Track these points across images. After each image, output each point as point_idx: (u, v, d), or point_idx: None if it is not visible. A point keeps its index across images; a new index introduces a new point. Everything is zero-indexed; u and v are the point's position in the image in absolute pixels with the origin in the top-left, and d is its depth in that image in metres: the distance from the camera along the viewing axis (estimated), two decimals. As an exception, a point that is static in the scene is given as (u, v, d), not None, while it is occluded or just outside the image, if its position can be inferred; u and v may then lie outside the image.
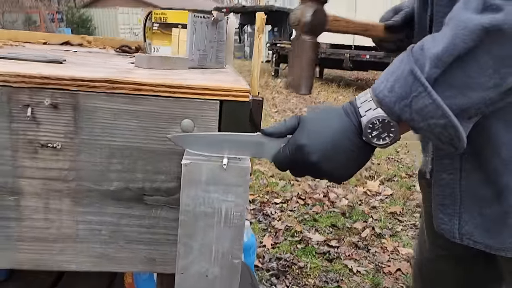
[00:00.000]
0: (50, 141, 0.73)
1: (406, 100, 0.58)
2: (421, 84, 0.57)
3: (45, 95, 0.71)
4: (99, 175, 0.76)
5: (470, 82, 0.56)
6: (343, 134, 0.63)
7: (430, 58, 0.57)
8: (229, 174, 0.67)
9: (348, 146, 0.64)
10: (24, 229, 0.77)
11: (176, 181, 0.77)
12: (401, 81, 0.59)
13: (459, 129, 0.57)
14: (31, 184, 0.75)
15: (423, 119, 0.58)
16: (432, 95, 0.56)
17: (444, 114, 0.56)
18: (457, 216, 0.73)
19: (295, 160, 0.66)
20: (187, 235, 0.69)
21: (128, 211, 0.78)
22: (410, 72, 0.58)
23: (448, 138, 0.59)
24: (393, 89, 0.60)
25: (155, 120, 0.74)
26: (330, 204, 3.12)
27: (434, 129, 0.58)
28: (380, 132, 0.62)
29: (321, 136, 0.64)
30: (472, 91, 0.56)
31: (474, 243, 0.73)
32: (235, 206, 0.68)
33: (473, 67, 0.55)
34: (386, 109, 0.61)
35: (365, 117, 0.62)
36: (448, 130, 0.58)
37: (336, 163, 0.64)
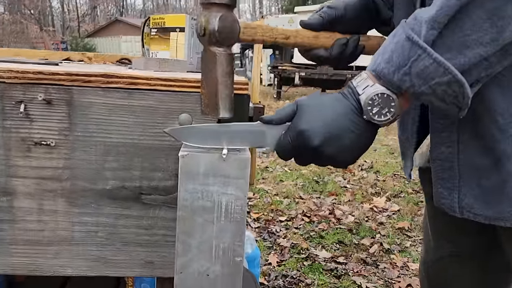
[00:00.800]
0: (44, 139, 0.71)
1: (405, 67, 0.57)
2: (419, 47, 0.56)
3: (38, 91, 0.69)
4: (95, 174, 0.73)
5: (467, 39, 0.55)
6: (343, 116, 0.62)
7: (426, 22, 0.56)
8: (229, 165, 0.64)
9: (349, 126, 0.62)
10: (17, 232, 0.74)
11: (174, 178, 0.74)
12: (398, 50, 0.58)
13: (463, 83, 0.56)
14: (24, 184, 0.73)
15: (425, 82, 0.57)
16: (432, 55, 0.55)
17: (446, 70, 0.55)
18: (456, 190, 0.72)
19: (297, 147, 0.63)
20: (185, 231, 0.66)
21: (125, 211, 0.75)
22: (407, 39, 0.57)
23: (452, 97, 0.57)
24: (390, 60, 0.59)
25: (152, 115, 0.72)
26: (336, 221, 3.06)
27: (437, 90, 0.57)
28: (380, 108, 0.61)
29: (321, 119, 0.62)
30: (470, 49, 0.55)
31: (474, 216, 0.71)
32: (236, 199, 0.65)
33: (468, 23, 0.55)
34: (385, 81, 0.60)
35: (363, 95, 0.61)
36: (452, 87, 0.56)
37: (339, 146, 0.62)
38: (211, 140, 0.66)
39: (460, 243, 0.89)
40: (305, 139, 0.62)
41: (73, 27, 33.58)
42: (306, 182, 3.89)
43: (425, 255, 1.01)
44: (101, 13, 41.84)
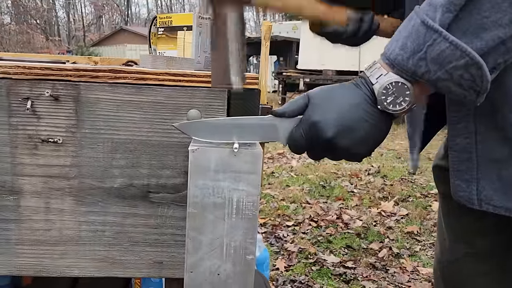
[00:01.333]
0: (51, 136, 0.70)
1: (420, 53, 0.56)
2: (435, 31, 0.54)
3: (45, 87, 0.68)
4: (102, 171, 0.72)
5: (485, 22, 0.53)
6: (357, 106, 0.60)
7: (441, 5, 0.54)
8: (240, 160, 0.63)
9: (364, 117, 0.60)
10: (24, 232, 0.72)
11: (183, 176, 0.73)
12: (413, 35, 0.56)
13: (482, 64, 0.54)
14: (31, 183, 0.71)
15: (441, 67, 0.55)
16: (448, 38, 0.53)
17: (464, 52, 0.53)
18: (474, 182, 0.69)
19: (310, 139, 0.61)
20: (195, 228, 0.64)
21: (133, 210, 0.73)
22: (421, 23, 0.55)
23: (470, 81, 0.55)
24: (405, 46, 0.57)
25: (160, 111, 0.71)
26: (344, 225, 3.03)
27: (454, 74, 0.55)
28: (395, 97, 0.59)
29: (334, 110, 0.60)
30: (487, 32, 0.54)
31: (494, 208, 0.69)
32: (247, 195, 0.63)
33: (486, 4, 0.53)
34: (399, 68, 0.58)
35: (377, 84, 0.59)
36: (469, 70, 0.54)
37: (353, 138, 0.60)
38: (221, 134, 0.64)
39: (476, 243, 0.87)
40: (318, 131, 0.60)
41: (79, 37, 33.87)
42: (312, 187, 3.86)
43: (440, 255, 0.98)
44: (106, 22, 42.17)
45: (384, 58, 0.60)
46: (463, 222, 0.88)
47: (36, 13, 26.98)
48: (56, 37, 30.82)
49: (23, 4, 25.44)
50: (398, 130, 7.11)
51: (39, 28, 27.42)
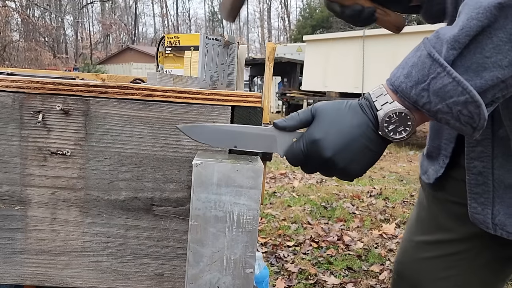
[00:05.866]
0: (60, 148, 0.72)
1: (424, 84, 0.58)
2: (439, 65, 0.56)
3: (57, 101, 0.71)
4: (108, 184, 0.74)
5: (486, 61, 0.56)
6: (359, 129, 0.62)
7: (447, 41, 0.57)
8: (242, 175, 0.65)
9: (364, 141, 0.62)
10: (30, 241, 0.74)
11: (187, 190, 0.75)
12: (418, 65, 0.58)
13: (480, 104, 0.56)
14: (39, 193, 0.73)
15: (442, 100, 0.57)
16: (452, 74, 0.56)
17: (465, 89, 0.55)
18: (490, 206, 0.71)
19: (309, 155, 0.64)
20: (197, 241, 0.66)
21: (136, 223, 0.75)
22: (428, 56, 0.58)
23: (467, 117, 0.57)
24: (410, 75, 0.59)
25: (166, 126, 0.73)
26: (345, 247, 3.02)
27: (453, 109, 0.57)
28: (396, 126, 0.61)
29: (337, 131, 0.62)
30: (487, 71, 0.56)
31: (508, 234, 0.71)
32: (248, 209, 0.65)
33: (489, 45, 0.55)
34: (402, 95, 0.60)
35: (381, 111, 0.61)
36: (468, 107, 0.56)
37: (350, 159, 0.62)
38: (221, 140, 0.67)
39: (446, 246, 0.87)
40: (318, 149, 0.62)
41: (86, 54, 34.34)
42: (314, 208, 3.86)
43: (401, 256, 0.98)
44: (113, 41, 42.82)
45: (389, 83, 0.62)
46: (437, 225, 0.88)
47: (44, 31, 27.45)
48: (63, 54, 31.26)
49: (32, 22, 25.90)
50: (401, 153, 7.12)
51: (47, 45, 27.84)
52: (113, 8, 44.11)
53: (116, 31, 41.98)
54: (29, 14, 28.00)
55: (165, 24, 47.52)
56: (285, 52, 14.46)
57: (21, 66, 21.32)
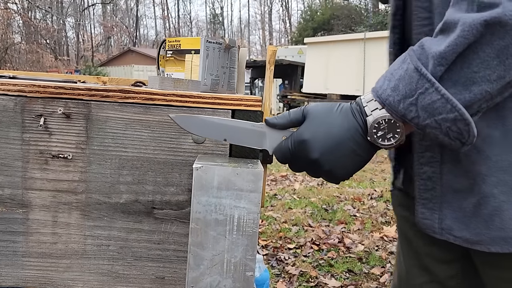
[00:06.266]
0: (61, 152, 0.73)
1: (411, 98, 0.58)
2: (427, 80, 0.56)
3: (58, 105, 0.72)
4: (109, 187, 0.74)
5: (474, 76, 0.56)
6: (348, 133, 0.62)
7: (433, 57, 0.57)
8: (242, 178, 0.65)
9: (352, 146, 0.63)
10: (31, 244, 0.75)
11: (187, 193, 0.75)
12: (405, 79, 0.58)
13: (470, 122, 0.56)
14: (40, 196, 0.74)
15: (430, 116, 0.57)
16: (440, 90, 0.56)
17: (454, 107, 0.56)
18: (437, 210, 0.72)
19: (296, 155, 0.64)
20: (197, 244, 0.66)
21: (137, 226, 0.76)
22: (415, 70, 0.58)
23: (456, 133, 0.58)
24: (396, 88, 0.59)
25: (167, 130, 0.74)
26: (346, 249, 3.02)
27: (442, 125, 0.57)
28: (385, 132, 0.61)
29: (325, 134, 0.63)
30: (476, 85, 0.56)
31: (454, 238, 0.71)
32: (248, 212, 0.66)
33: (476, 61, 0.56)
34: (390, 108, 0.60)
35: (371, 117, 0.62)
36: (457, 124, 0.57)
37: (337, 162, 0.63)
38: (212, 132, 0.67)
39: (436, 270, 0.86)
40: (306, 150, 0.63)
41: (87, 57, 34.42)
42: (315, 210, 3.86)
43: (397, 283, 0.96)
44: (115, 43, 42.91)
45: (375, 95, 0.62)
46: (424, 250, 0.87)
47: (46, 33, 27.52)
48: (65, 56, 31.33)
49: (34, 24, 25.98)
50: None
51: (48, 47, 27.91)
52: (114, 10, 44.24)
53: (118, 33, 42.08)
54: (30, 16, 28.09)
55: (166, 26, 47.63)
56: (286, 55, 14.48)
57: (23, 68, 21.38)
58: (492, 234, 0.67)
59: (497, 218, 0.66)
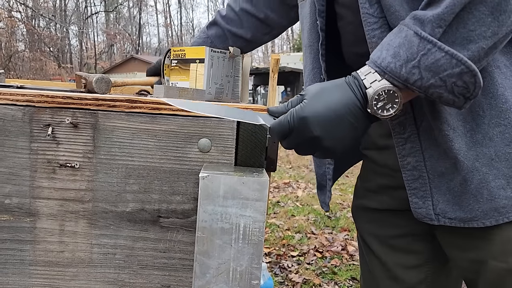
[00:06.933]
0: (69, 161, 0.74)
1: (414, 61, 0.59)
2: (428, 41, 0.59)
3: (66, 114, 0.73)
4: (116, 196, 0.75)
5: (471, 34, 0.58)
6: (346, 107, 0.63)
7: (430, 20, 0.59)
8: (248, 187, 0.66)
9: (351, 120, 0.64)
10: (38, 253, 0.75)
11: (193, 202, 0.76)
12: (405, 45, 0.60)
13: (476, 73, 0.58)
14: (47, 205, 0.74)
15: (434, 74, 0.59)
16: (444, 48, 0.58)
17: (459, 61, 0.58)
18: (429, 197, 0.73)
19: (296, 131, 0.65)
20: (203, 253, 0.67)
21: (143, 234, 0.76)
22: (415, 34, 0.59)
23: (462, 88, 0.60)
24: (397, 54, 0.61)
25: (173, 139, 0.75)
26: (349, 257, 3.01)
27: (448, 81, 0.59)
28: (385, 103, 0.63)
29: (325, 110, 0.63)
30: (473, 43, 0.59)
31: (450, 221, 0.72)
32: (254, 221, 0.66)
33: (472, 19, 0.58)
34: (392, 75, 0.61)
35: (370, 89, 0.63)
36: (463, 78, 0.59)
37: (337, 138, 0.64)
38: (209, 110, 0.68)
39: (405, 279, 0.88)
40: (306, 127, 0.64)
41: (90, 64, 34.62)
42: (318, 217, 3.85)
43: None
44: (118, 51, 43.15)
45: (374, 66, 0.63)
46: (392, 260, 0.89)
47: (50, 41, 27.72)
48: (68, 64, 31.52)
49: (37, 32, 26.17)
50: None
51: (52, 55, 28.08)
52: (117, 18, 44.53)
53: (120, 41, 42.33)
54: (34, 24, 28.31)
55: (169, 34, 47.89)
56: (288, 62, 14.53)
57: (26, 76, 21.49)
58: (483, 207, 0.69)
59: (485, 190, 0.69)
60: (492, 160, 0.69)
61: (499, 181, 0.69)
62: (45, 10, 30.46)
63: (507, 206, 0.69)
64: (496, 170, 0.69)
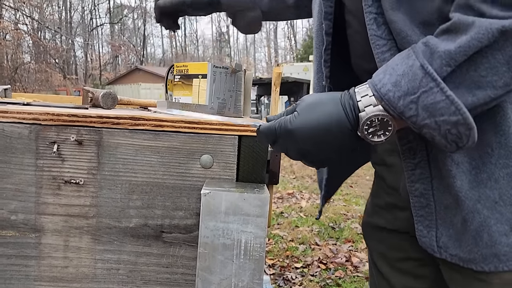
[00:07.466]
0: (74, 177, 0.75)
1: (413, 96, 0.56)
2: (432, 79, 0.55)
3: (71, 132, 0.74)
4: (119, 212, 0.76)
5: (481, 80, 0.55)
6: (336, 128, 0.61)
7: (440, 56, 0.56)
8: (249, 203, 0.67)
9: (338, 140, 0.62)
10: (43, 268, 0.76)
11: (195, 217, 0.77)
12: (409, 75, 0.57)
13: (472, 127, 0.55)
14: (52, 221, 0.76)
15: (430, 116, 0.56)
16: (446, 91, 0.55)
17: (458, 110, 0.55)
18: (434, 228, 0.70)
19: (280, 139, 0.64)
20: (205, 268, 0.68)
21: (146, 249, 0.77)
22: (420, 67, 0.56)
23: (455, 137, 0.57)
24: (398, 84, 0.57)
25: (175, 155, 0.76)
26: (354, 268, 3.00)
27: (442, 127, 0.56)
28: (376, 129, 0.60)
29: (312, 126, 0.62)
30: (481, 90, 0.56)
31: (451, 257, 0.69)
32: (255, 237, 0.67)
33: (484, 65, 0.55)
34: (388, 104, 0.58)
35: (364, 113, 0.60)
36: (458, 128, 0.56)
37: (321, 154, 0.63)
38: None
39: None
40: (290, 139, 0.63)
41: (95, 75, 34.90)
42: (322, 228, 3.84)
43: None
44: (122, 62, 43.49)
45: (373, 89, 0.60)
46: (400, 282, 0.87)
47: (55, 53, 27.99)
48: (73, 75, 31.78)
49: (43, 44, 26.45)
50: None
51: (57, 67, 28.34)
52: (122, 29, 44.95)
53: (125, 52, 42.68)
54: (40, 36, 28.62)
55: (173, 45, 48.25)
56: (292, 72, 14.59)
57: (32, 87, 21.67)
58: (483, 251, 0.66)
59: (485, 234, 0.65)
60: (496, 203, 0.64)
61: (502, 226, 0.64)
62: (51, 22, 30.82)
63: (508, 254, 0.65)
64: (499, 214, 0.64)
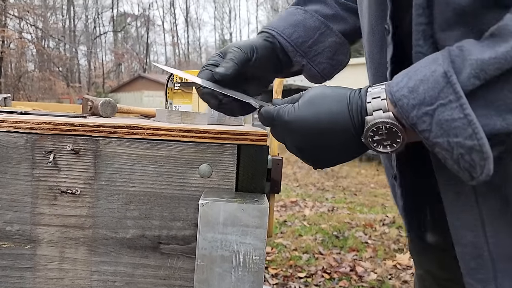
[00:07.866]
0: (70, 187, 0.74)
1: (429, 108, 0.48)
2: (454, 91, 0.47)
3: (68, 141, 0.73)
4: (116, 222, 0.75)
5: None
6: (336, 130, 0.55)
7: (471, 64, 0.47)
8: (248, 214, 0.65)
9: (338, 144, 0.57)
10: (38, 280, 0.75)
11: (193, 228, 0.75)
12: (429, 82, 0.48)
13: (488, 157, 0.47)
14: (48, 232, 0.74)
15: (444, 134, 0.48)
16: (465, 109, 0.46)
17: (475, 134, 0.46)
18: (492, 282, 0.57)
19: (276, 126, 0.61)
20: (203, 281, 0.66)
21: (143, 261, 0.75)
22: (443, 75, 0.48)
23: (468, 164, 0.48)
24: (415, 90, 0.49)
25: (173, 165, 0.74)
26: (358, 278, 2.96)
27: (455, 150, 0.48)
28: (383, 138, 0.53)
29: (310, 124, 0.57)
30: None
31: None
32: (254, 249, 0.65)
33: None
34: (400, 111, 0.50)
35: (371, 117, 0.53)
36: (472, 155, 0.47)
37: (316, 155, 0.60)
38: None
39: None
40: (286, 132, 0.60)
41: (98, 83, 35.06)
42: (325, 237, 3.81)
43: None
44: (125, 70, 43.69)
45: (388, 92, 0.52)
46: None
47: (59, 61, 28.16)
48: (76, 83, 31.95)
49: (47, 53, 26.62)
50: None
51: (61, 75, 28.50)
52: (125, 38, 45.24)
53: (128, 60, 42.91)
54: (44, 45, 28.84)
55: (176, 52, 48.49)
56: (295, 79, 14.59)
57: (35, 95, 21.78)
58: None
59: None
60: None
61: None
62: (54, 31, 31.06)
63: None
64: None
